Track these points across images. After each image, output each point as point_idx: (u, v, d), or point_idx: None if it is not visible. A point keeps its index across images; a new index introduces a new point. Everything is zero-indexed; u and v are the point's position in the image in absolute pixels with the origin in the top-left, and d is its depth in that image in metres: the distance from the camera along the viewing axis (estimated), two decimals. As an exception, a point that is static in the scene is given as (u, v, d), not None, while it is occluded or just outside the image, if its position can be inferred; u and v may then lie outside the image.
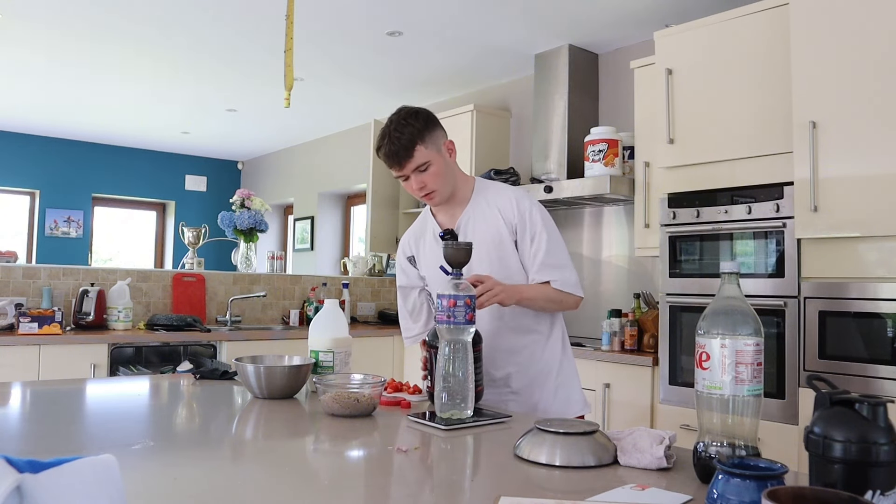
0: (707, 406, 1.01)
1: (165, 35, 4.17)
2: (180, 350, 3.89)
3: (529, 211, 1.78)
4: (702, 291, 2.85)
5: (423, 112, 1.77)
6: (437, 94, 5.26)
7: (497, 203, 1.81)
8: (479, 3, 3.62)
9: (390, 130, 1.72)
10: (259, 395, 1.67)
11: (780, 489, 0.73)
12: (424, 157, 1.72)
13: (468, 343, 1.46)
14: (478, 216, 1.82)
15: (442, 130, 1.79)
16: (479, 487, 1.03)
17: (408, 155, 1.71)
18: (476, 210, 1.82)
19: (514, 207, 1.78)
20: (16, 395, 1.74)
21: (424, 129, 1.73)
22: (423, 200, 1.84)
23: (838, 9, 2.46)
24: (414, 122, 1.72)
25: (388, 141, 1.71)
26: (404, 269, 1.98)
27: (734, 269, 1.03)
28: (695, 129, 2.97)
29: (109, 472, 0.61)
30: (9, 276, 3.75)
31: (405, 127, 1.71)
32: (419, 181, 1.75)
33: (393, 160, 1.73)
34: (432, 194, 1.78)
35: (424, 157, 1.72)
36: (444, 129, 1.81)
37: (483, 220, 1.81)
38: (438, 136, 1.77)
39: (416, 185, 1.76)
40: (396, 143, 1.70)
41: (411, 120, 1.72)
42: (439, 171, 1.76)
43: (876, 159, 2.34)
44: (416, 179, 1.75)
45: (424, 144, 1.72)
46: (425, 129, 1.73)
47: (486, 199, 1.83)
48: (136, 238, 7.98)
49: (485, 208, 1.81)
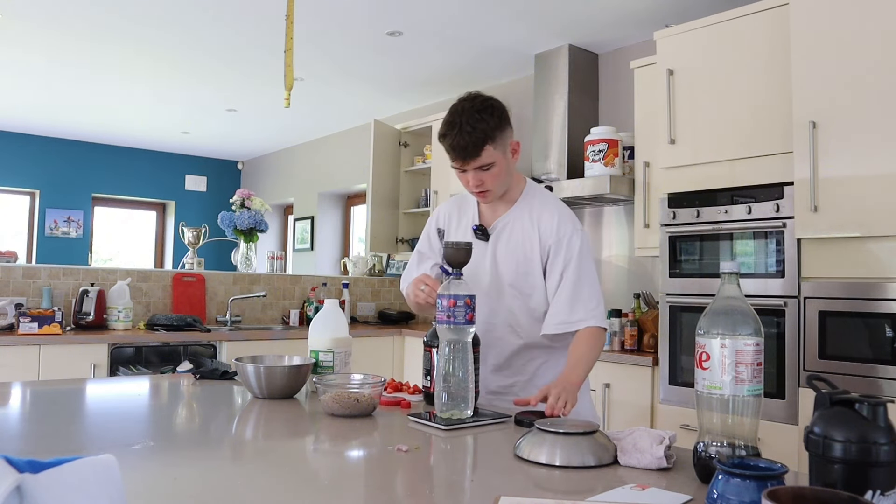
0: (707, 406, 1.01)
1: (165, 35, 4.17)
2: (180, 350, 3.89)
3: (569, 238, 1.69)
4: (702, 291, 2.85)
5: (498, 107, 1.65)
6: (437, 94, 5.26)
7: (540, 217, 1.72)
8: (479, 3, 3.62)
9: (462, 121, 1.59)
10: (259, 395, 1.67)
11: (780, 489, 0.73)
12: (491, 158, 1.62)
13: (468, 343, 1.46)
14: (517, 223, 1.74)
15: (511, 128, 1.68)
16: (479, 487, 1.03)
17: (476, 153, 1.60)
18: (517, 216, 1.74)
19: (554, 228, 1.70)
20: (16, 395, 1.74)
21: (497, 128, 1.62)
22: (474, 195, 1.74)
23: (838, 9, 2.46)
24: (489, 118, 1.60)
25: (459, 133, 1.59)
26: (430, 236, 1.89)
27: (734, 269, 1.03)
28: (695, 129, 2.97)
29: (109, 472, 0.61)
30: (9, 276, 3.75)
31: (478, 122, 1.59)
32: (478, 178, 1.65)
33: (458, 154, 1.62)
34: (486, 193, 1.70)
35: (491, 158, 1.62)
36: (511, 125, 1.69)
37: (521, 229, 1.73)
38: (507, 135, 1.67)
39: (473, 181, 1.66)
40: (466, 138, 1.58)
41: (486, 116, 1.60)
42: (500, 172, 1.66)
43: (876, 159, 2.34)
44: (475, 177, 1.65)
45: (494, 144, 1.62)
46: (497, 128, 1.62)
47: (530, 208, 1.74)
48: (136, 238, 7.98)
49: (526, 218, 1.73)
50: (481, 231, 1.76)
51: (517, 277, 1.72)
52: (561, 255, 1.68)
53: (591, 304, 1.67)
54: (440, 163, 4.75)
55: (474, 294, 1.47)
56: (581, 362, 1.63)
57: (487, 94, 1.68)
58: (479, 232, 1.77)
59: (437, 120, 4.78)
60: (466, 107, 1.63)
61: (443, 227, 1.87)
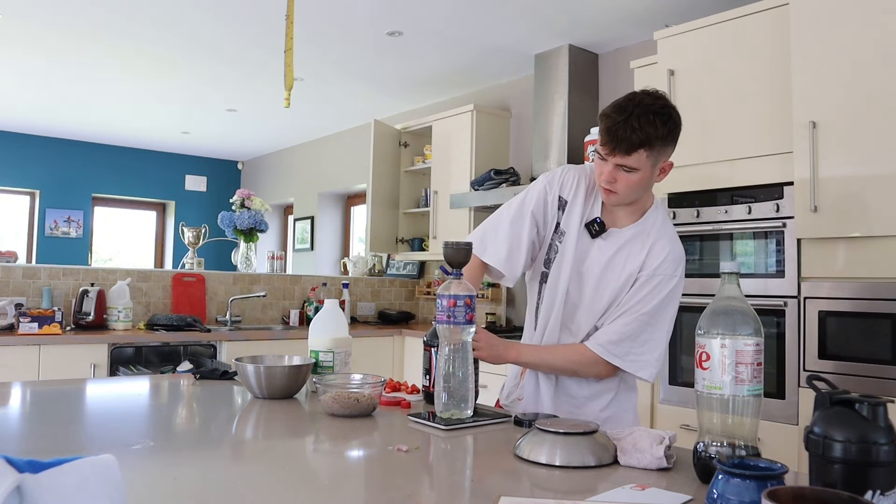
0: (707, 406, 1.01)
1: (165, 35, 4.17)
2: (180, 350, 3.89)
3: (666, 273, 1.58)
4: (702, 291, 2.85)
5: (675, 119, 1.53)
6: (437, 94, 5.26)
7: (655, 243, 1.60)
8: (479, 3, 3.62)
9: (634, 112, 1.47)
10: (259, 395, 1.67)
11: (780, 489, 0.73)
12: (638, 164, 1.50)
13: (468, 343, 1.45)
14: (632, 241, 1.62)
15: (672, 148, 1.55)
16: (479, 487, 1.03)
17: (628, 151, 1.49)
18: (636, 235, 1.62)
19: (660, 260, 1.58)
20: (16, 395, 1.74)
21: (661, 138, 1.50)
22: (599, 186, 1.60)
23: (838, 9, 2.46)
24: (661, 126, 1.49)
25: (624, 123, 1.47)
26: (548, 203, 1.69)
27: (734, 269, 1.03)
28: (695, 128, 2.97)
29: (109, 472, 0.61)
30: (9, 276, 3.75)
31: (648, 124, 1.47)
32: (613, 175, 1.53)
33: (611, 143, 1.50)
34: (612, 194, 1.57)
35: (638, 164, 1.50)
36: (675, 144, 1.56)
37: (630, 249, 1.61)
38: (667, 152, 1.55)
39: (608, 176, 1.54)
40: (627, 132, 1.47)
41: (659, 122, 1.49)
42: (638, 182, 1.54)
43: (876, 159, 2.34)
44: (612, 173, 1.53)
45: (650, 153, 1.50)
46: (661, 139, 1.50)
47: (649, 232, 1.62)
48: (136, 238, 7.98)
49: (640, 240, 1.62)
50: (599, 227, 1.63)
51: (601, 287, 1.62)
52: (646, 291, 1.58)
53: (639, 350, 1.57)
54: (440, 163, 4.76)
55: (474, 294, 1.47)
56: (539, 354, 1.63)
57: (671, 104, 1.56)
58: (595, 226, 1.63)
59: (437, 120, 4.79)
60: (647, 101, 1.51)
61: (567, 199, 1.68)
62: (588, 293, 1.64)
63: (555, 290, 1.66)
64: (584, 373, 1.63)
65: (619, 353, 1.57)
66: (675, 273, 1.60)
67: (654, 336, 1.59)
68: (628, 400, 1.70)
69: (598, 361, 1.58)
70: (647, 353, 1.58)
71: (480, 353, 1.56)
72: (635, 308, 1.58)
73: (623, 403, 1.68)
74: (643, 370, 1.58)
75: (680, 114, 1.56)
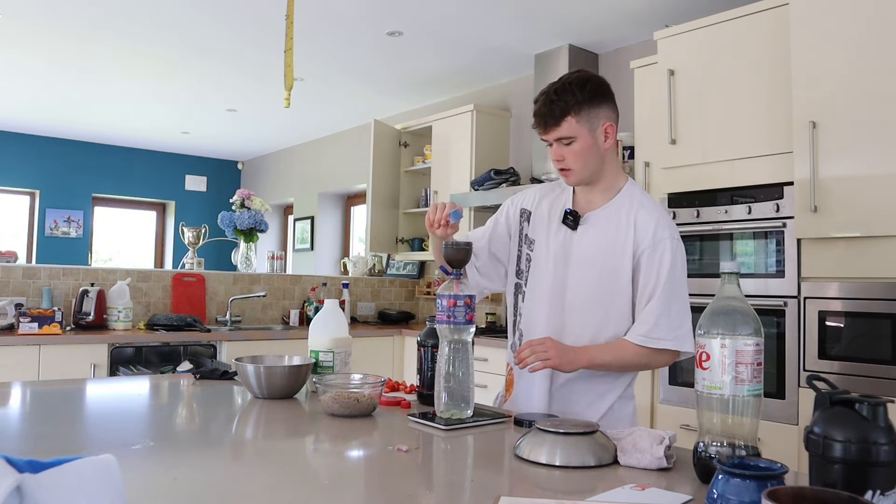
0: (707, 406, 1.01)
1: (166, 35, 4.17)
2: (180, 350, 3.88)
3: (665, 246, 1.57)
4: (702, 291, 2.85)
5: (595, 83, 1.60)
6: (437, 94, 5.26)
7: (637, 215, 1.61)
8: (478, 3, 3.62)
9: (550, 91, 1.58)
10: (259, 395, 1.67)
11: (780, 489, 0.73)
12: (571, 132, 1.56)
13: (468, 343, 1.45)
14: (612, 218, 1.62)
15: (607, 110, 1.61)
16: (479, 487, 1.03)
17: (555, 122, 1.56)
18: (614, 211, 1.63)
19: (651, 230, 1.58)
20: (16, 395, 1.74)
21: (584, 102, 1.56)
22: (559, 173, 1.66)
23: (838, 9, 2.46)
24: (578, 91, 1.56)
25: (543, 102, 1.58)
26: (508, 215, 1.77)
27: (734, 269, 1.03)
28: (695, 129, 2.97)
29: (109, 472, 0.61)
30: (9, 276, 3.75)
31: (565, 93, 1.56)
32: (559, 153, 1.60)
33: (539, 122, 1.60)
34: (568, 172, 1.62)
35: (571, 132, 1.56)
36: (613, 108, 1.63)
37: (616, 224, 1.61)
38: (599, 114, 1.59)
39: (554, 155, 1.61)
40: (548, 107, 1.57)
41: (576, 88, 1.56)
42: (583, 151, 1.58)
43: (876, 159, 2.34)
44: (557, 150, 1.60)
45: (578, 118, 1.56)
46: (585, 103, 1.56)
47: (629, 205, 1.63)
48: (136, 238, 7.98)
49: (622, 214, 1.62)
50: (573, 217, 1.65)
51: (602, 275, 1.60)
52: (655, 265, 1.56)
53: (676, 324, 1.56)
54: (440, 163, 4.76)
55: (474, 294, 1.47)
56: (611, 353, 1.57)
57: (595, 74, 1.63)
58: (569, 217, 1.65)
59: (437, 120, 4.78)
60: (563, 79, 1.60)
61: (530, 209, 1.74)
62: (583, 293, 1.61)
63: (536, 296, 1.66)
64: (655, 362, 1.61)
65: (663, 336, 1.55)
66: (673, 235, 1.59)
67: (682, 304, 1.58)
68: (623, 409, 1.67)
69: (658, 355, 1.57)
70: (684, 325, 1.57)
71: (552, 362, 1.49)
72: (655, 285, 1.56)
73: (618, 412, 1.66)
74: (686, 343, 1.56)
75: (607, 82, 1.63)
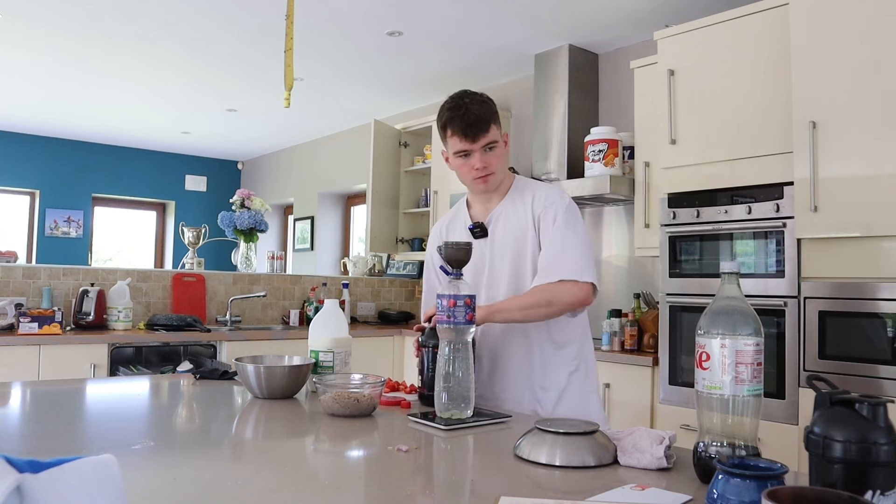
0: (707, 406, 1.01)
1: (165, 35, 4.17)
2: (180, 350, 3.88)
3: (556, 205, 1.72)
4: (702, 291, 2.85)
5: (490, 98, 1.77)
6: (437, 94, 5.26)
7: (534, 192, 1.77)
8: (479, 3, 3.62)
9: (467, 103, 1.70)
10: (259, 395, 1.67)
11: (780, 489, 0.73)
12: (495, 137, 1.72)
13: (468, 343, 1.45)
14: (510, 211, 1.78)
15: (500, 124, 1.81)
16: (479, 487, 1.03)
17: (485, 128, 1.70)
18: (510, 205, 1.79)
19: (543, 196, 1.75)
20: (16, 395, 1.74)
21: (495, 113, 1.75)
22: (474, 185, 1.78)
23: (838, 9, 2.46)
24: (489, 102, 1.74)
25: (467, 112, 1.69)
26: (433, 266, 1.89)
27: (734, 269, 1.03)
28: (695, 129, 2.97)
29: (109, 472, 0.61)
30: (9, 276, 3.75)
31: (483, 104, 1.71)
32: (484, 160, 1.72)
33: (469, 130, 1.69)
34: (490, 177, 1.74)
35: (495, 137, 1.72)
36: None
37: (515, 214, 1.77)
38: (500, 125, 1.78)
39: (479, 163, 1.72)
40: (475, 115, 1.69)
41: (486, 100, 1.74)
42: (503, 154, 1.76)
43: (876, 159, 2.34)
44: (482, 158, 1.72)
45: (496, 125, 1.73)
46: (496, 113, 1.75)
47: (521, 194, 1.79)
48: (136, 238, 7.98)
49: (518, 203, 1.78)
50: (479, 228, 1.79)
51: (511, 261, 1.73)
52: (549, 221, 1.71)
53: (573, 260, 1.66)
54: (440, 163, 4.75)
55: (474, 294, 1.47)
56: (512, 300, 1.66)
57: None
58: (476, 230, 1.79)
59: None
60: (467, 93, 1.74)
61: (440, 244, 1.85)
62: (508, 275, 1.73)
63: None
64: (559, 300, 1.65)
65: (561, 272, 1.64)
66: (562, 196, 1.75)
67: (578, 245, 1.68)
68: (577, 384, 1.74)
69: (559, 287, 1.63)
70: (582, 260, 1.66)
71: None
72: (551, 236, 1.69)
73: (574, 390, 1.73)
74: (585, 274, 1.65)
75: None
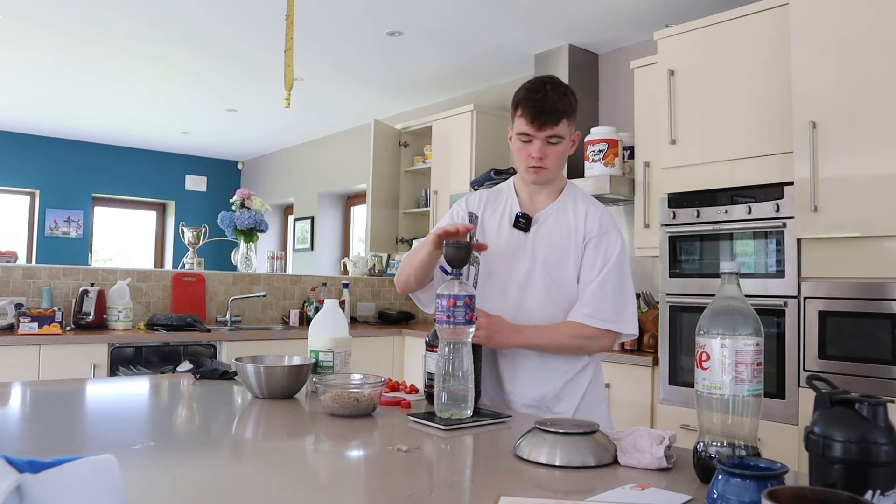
0: (707, 406, 1.01)
1: (165, 35, 4.17)
2: (180, 350, 3.88)
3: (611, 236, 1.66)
4: (702, 291, 2.85)
5: (575, 95, 1.68)
6: (437, 94, 5.26)
7: (587, 209, 1.70)
8: (479, 3, 3.62)
9: (548, 89, 1.61)
10: (259, 395, 1.67)
11: (780, 489, 0.73)
12: (563, 132, 1.63)
13: (468, 343, 1.45)
14: (560, 217, 1.70)
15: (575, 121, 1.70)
16: (479, 487, 1.03)
17: (556, 120, 1.61)
18: (561, 209, 1.71)
19: (598, 221, 1.67)
20: (16, 395, 1.74)
21: (573, 111, 1.65)
22: (526, 173, 1.68)
23: (838, 9, 2.46)
24: (571, 97, 1.65)
25: (544, 98, 1.60)
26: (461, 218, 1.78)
27: (734, 269, 1.03)
28: (695, 129, 2.97)
29: (109, 472, 0.61)
30: (9, 276, 3.75)
31: (563, 96, 1.63)
32: (544, 151, 1.63)
33: (539, 116, 1.60)
34: (543, 171, 1.66)
35: (563, 132, 1.63)
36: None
37: (565, 223, 1.69)
38: (574, 124, 1.69)
39: (538, 152, 1.63)
40: (551, 104, 1.60)
41: (570, 93, 1.65)
42: (564, 152, 1.67)
43: (876, 159, 2.34)
44: (542, 148, 1.63)
45: (569, 121, 1.64)
46: (573, 112, 1.65)
47: (574, 201, 1.72)
48: (136, 238, 7.98)
49: (570, 212, 1.70)
50: (524, 219, 1.70)
51: (558, 274, 1.66)
52: (602, 251, 1.65)
53: (619, 307, 1.63)
54: (440, 163, 4.76)
55: (474, 294, 1.47)
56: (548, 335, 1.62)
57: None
58: (522, 220, 1.70)
59: (437, 120, 4.79)
60: (553, 79, 1.66)
61: (476, 213, 1.77)
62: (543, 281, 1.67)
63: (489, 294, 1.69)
64: (589, 347, 1.66)
65: (609, 318, 1.63)
66: (617, 228, 1.70)
67: (625, 289, 1.66)
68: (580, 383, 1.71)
69: (597, 334, 1.63)
70: (627, 308, 1.65)
71: (480, 338, 1.54)
72: (599, 271, 1.64)
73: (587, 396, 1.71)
74: (629, 325, 1.65)
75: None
